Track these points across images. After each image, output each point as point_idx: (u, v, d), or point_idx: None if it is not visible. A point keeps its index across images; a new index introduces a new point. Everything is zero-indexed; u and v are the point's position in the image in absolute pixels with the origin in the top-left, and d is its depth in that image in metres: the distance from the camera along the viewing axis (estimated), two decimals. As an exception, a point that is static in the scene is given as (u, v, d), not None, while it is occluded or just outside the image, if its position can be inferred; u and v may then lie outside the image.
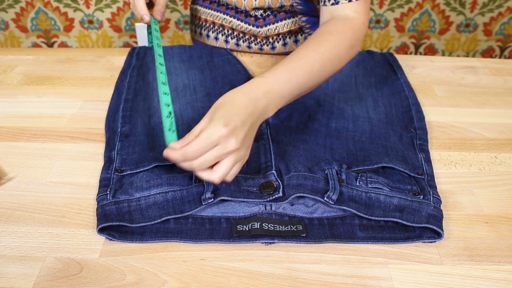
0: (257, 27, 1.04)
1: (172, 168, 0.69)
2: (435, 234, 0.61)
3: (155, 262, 0.57)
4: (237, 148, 0.59)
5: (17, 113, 0.86)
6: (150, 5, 1.01)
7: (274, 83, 0.66)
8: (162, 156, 0.70)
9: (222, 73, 0.96)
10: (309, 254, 0.59)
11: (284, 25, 1.02)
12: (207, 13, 1.10)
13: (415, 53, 2.20)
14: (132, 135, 0.78)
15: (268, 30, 1.04)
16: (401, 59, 1.06)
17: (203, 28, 1.12)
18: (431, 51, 2.19)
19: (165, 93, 0.71)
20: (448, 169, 0.74)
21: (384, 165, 0.70)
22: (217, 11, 1.07)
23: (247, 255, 0.59)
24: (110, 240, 0.60)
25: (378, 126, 0.80)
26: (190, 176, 0.66)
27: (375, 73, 0.97)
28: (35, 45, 2.21)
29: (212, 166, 0.59)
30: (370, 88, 0.92)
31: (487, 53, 2.19)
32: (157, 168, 0.69)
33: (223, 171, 0.59)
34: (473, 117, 0.87)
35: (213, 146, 0.58)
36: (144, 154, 0.73)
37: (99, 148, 0.77)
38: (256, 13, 1.03)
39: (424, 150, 0.75)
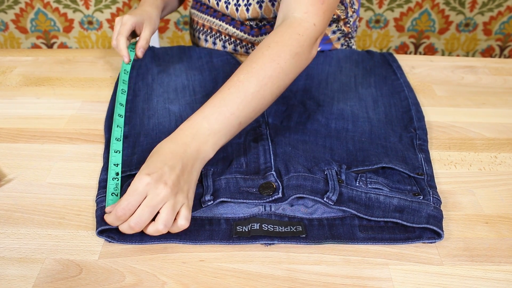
0: (253, 36, 1.03)
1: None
2: (435, 235, 0.61)
3: (154, 263, 0.57)
4: (169, 193, 0.56)
5: (16, 114, 0.85)
6: (134, 34, 0.96)
7: (201, 123, 0.63)
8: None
9: (221, 74, 0.95)
10: (309, 255, 0.59)
11: None
12: (204, 18, 1.09)
13: (415, 53, 2.20)
14: (131, 136, 0.78)
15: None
16: (401, 59, 1.06)
17: (201, 33, 1.11)
18: (430, 50, 2.18)
19: (117, 139, 0.71)
20: (448, 169, 0.74)
21: (384, 165, 0.69)
22: (213, 17, 1.07)
23: (246, 256, 0.59)
24: (110, 242, 0.60)
25: (378, 126, 0.80)
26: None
27: (375, 73, 0.97)
28: (35, 46, 2.20)
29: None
30: (370, 88, 0.92)
31: (487, 52, 2.19)
32: (156, 169, 0.69)
33: (164, 217, 0.56)
34: (473, 117, 0.87)
35: (143, 198, 0.56)
36: (144, 155, 0.72)
37: (98, 149, 0.77)
38: (251, 23, 1.02)
39: (424, 150, 0.75)
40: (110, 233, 0.60)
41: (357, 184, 0.66)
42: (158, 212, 0.57)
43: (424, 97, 0.92)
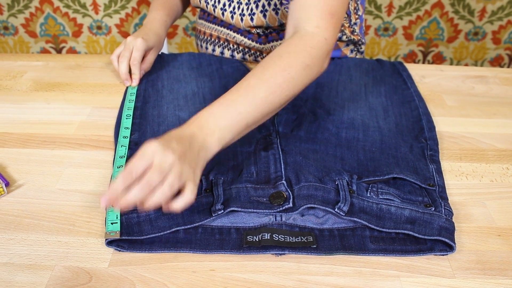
0: (260, 43, 1.03)
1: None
2: (447, 247, 0.60)
3: (164, 272, 0.57)
4: (176, 159, 0.56)
5: (26, 119, 0.86)
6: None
7: (208, 118, 0.64)
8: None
9: (231, 81, 0.95)
10: (319, 266, 0.58)
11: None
12: (212, 28, 1.09)
13: (423, 61, 2.19)
14: (142, 143, 0.77)
15: (272, 46, 1.03)
16: (411, 68, 1.05)
17: (209, 43, 1.11)
18: (439, 59, 2.18)
19: (121, 157, 0.73)
20: (459, 180, 0.74)
21: (395, 176, 0.69)
22: (221, 26, 1.07)
23: (257, 266, 0.58)
24: (119, 251, 0.59)
25: (389, 136, 0.80)
26: (199, 186, 0.66)
27: (385, 82, 0.97)
28: (44, 50, 2.21)
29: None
30: (380, 97, 0.92)
31: (496, 61, 2.18)
32: (166, 176, 0.69)
33: (171, 180, 0.55)
34: (484, 128, 0.86)
35: (149, 162, 0.55)
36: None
37: (108, 155, 0.77)
38: (258, 31, 1.02)
39: (435, 161, 0.75)
40: (119, 242, 0.60)
41: (368, 195, 0.65)
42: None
43: (434, 107, 0.92)
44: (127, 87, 0.94)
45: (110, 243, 0.59)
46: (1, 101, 0.91)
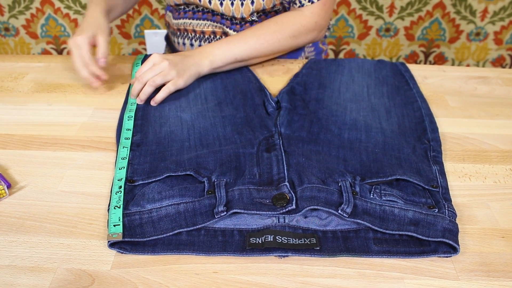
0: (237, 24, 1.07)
1: (184, 178, 0.69)
2: (451, 249, 0.60)
3: (167, 274, 0.57)
4: (168, 64, 0.87)
5: (28, 121, 0.85)
6: None
7: (207, 47, 0.92)
8: (173, 166, 0.70)
9: (233, 82, 0.95)
10: (323, 268, 0.58)
11: None
12: (194, 24, 1.09)
13: (425, 62, 2.19)
14: (144, 145, 0.77)
15: None
16: (413, 68, 1.05)
17: (194, 39, 1.11)
18: (441, 59, 2.18)
19: (123, 158, 0.74)
20: (463, 181, 0.73)
21: (398, 177, 0.69)
22: (204, 20, 1.08)
23: (260, 268, 0.58)
24: (122, 253, 0.59)
25: (391, 137, 0.80)
26: (202, 188, 0.65)
27: (387, 83, 0.97)
28: (45, 51, 2.21)
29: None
30: (382, 98, 0.92)
31: (498, 62, 2.18)
32: (168, 178, 0.69)
33: (158, 69, 0.88)
34: (487, 129, 0.86)
35: (153, 65, 0.88)
36: (156, 164, 0.72)
37: (110, 157, 0.76)
38: (252, 18, 1.04)
39: (438, 162, 0.75)
40: (122, 244, 0.59)
41: (372, 196, 0.65)
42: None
43: (437, 108, 0.92)
44: (128, 88, 0.94)
45: (112, 245, 0.59)
46: (3, 102, 0.91)
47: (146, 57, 1.04)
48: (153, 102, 0.88)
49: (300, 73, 0.98)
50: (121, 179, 0.69)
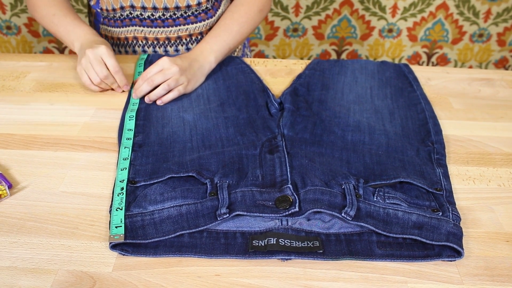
0: (168, 26, 1.07)
1: (186, 180, 0.68)
2: (455, 253, 0.59)
3: (169, 277, 0.56)
4: (178, 70, 0.88)
5: (29, 120, 0.85)
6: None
7: (205, 46, 0.96)
8: (176, 167, 0.70)
9: (235, 83, 0.95)
10: (326, 272, 0.58)
11: (195, 28, 1.09)
12: (117, 32, 1.09)
13: (428, 63, 2.18)
14: (145, 145, 0.77)
15: (179, 30, 1.08)
16: (416, 70, 1.05)
17: (128, 46, 1.11)
18: (443, 60, 2.17)
19: (125, 159, 0.74)
20: (467, 184, 0.73)
21: (402, 180, 0.68)
22: (126, 26, 1.07)
23: (263, 271, 0.57)
24: (124, 255, 0.59)
25: (395, 139, 0.79)
26: (204, 190, 0.65)
27: (391, 84, 0.96)
28: (47, 50, 2.21)
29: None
30: (386, 100, 0.91)
31: (501, 63, 2.17)
32: (171, 179, 0.68)
33: (168, 74, 0.88)
34: (491, 131, 0.85)
35: (160, 69, 0.88)
36: (158, 164, 0.72)
37: (112, 158, 0.76)
38: (166, 13, 1.05)
39: (442, 165, 0.74)
40: (123, 246, 0.59)
41: (375, 199, 0.65)
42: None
43: (440, 110, 0.91)
44: (130, 88, 0.94)
45: (114, 247, 0.59)
46: (4, 101, 0.91)
47: (149, 56, 1.04)
48: (160, 102, 0.88)
49: (303, 74, 0.98)
50: (123, 180, 0.68)
